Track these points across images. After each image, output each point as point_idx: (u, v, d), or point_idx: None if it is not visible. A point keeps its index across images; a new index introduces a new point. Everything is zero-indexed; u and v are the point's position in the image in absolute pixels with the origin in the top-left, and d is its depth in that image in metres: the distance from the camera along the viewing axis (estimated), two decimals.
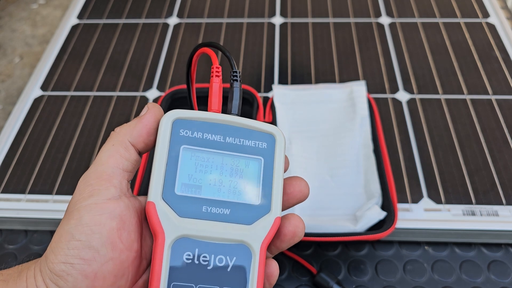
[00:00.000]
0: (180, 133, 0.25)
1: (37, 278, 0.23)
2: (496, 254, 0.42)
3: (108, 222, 0.23)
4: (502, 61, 0.58)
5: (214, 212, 0.24)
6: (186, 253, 0.23)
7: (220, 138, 0.25)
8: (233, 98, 0.27)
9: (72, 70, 0.60)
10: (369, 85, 0.55)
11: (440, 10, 0.66)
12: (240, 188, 0.25)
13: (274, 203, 0.25)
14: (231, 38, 0.63)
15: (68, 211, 0.24)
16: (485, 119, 0.51)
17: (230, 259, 0.24)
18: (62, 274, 0.23)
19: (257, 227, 0.24)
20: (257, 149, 0.25)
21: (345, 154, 0.46)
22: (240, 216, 0.24)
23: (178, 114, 0.25)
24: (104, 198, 0.24)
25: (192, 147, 0.25)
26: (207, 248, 0.23)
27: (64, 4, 1.00)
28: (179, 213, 0.24)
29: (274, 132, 0.26)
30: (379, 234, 0.38)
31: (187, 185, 0.24)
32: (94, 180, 0.24)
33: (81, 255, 0.23)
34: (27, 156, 0.50)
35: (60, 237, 0.23)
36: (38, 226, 0.46)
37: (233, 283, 0.23)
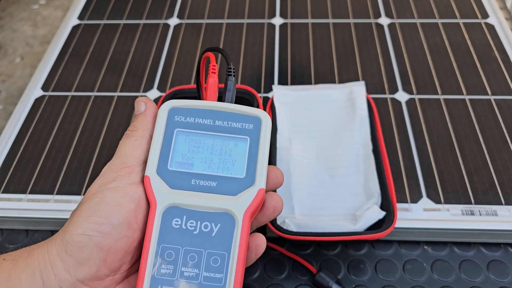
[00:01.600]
0: (175, 119, 0.28)
1: (51, 252, 0.26)
2: (495, 254, 0.42)
3: (127, 204, 0.26)
4: (501, 62, 0.58)
5: (202, 185, 0.27)
6: (175, 219, 0.26)
7: (210, 121, 0.28)
8: (227, 89, 0.30)
9: (73, 71, 0.60)
10: (368, 86, 0.56)
11: (439, 10, 0.66)
12: (227, 164, 0.27)
13: (258, 177, 0.27)
14: (231, 39, 0.63)
15: (91, 192, 0.27)
16: (484, 119, 0.51)
17: (215, 226, 0.26)
18: (79, 245, 0.25)
19: (241, 197, 0.27)
20: (244, 130, 0.28)
21: (345, 154, 0.46)
22: (226, 188, 0.27)
23: (174, 103, 0.29)
24: (126, 183, 0.27)
25: (185, 129, 0.28)
26: (194, 215, 0.26)
27: (64, 5, 1.01)
28: (170, 185, 0.27)
29: (260, 115, 0.28)
30: (379, 234, 0.39)
31: (179, 163, 0.27)
32: (118, 168, 0.27)
33: (100, 229, 0.25)
34: (28, 156, 0.50)
35: (81, 212, 0.26)
36: (39, 226, 0.46)
37: (217, 247, 0.26)
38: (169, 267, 0.25)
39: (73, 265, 0.25)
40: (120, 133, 0.52)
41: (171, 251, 0.26)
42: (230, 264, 0.25)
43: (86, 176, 0.48)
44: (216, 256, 0.26)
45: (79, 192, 0.47)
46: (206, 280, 0.25)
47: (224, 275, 0.25)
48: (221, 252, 0.26)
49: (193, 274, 0.25)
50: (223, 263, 0.25)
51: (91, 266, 0.25)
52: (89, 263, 0.25)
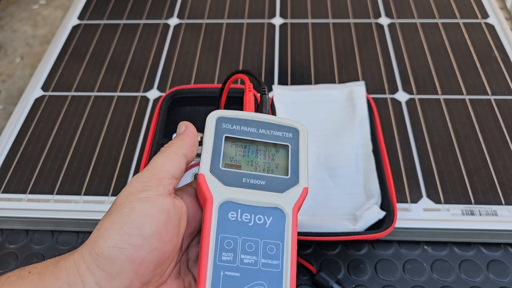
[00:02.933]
0: (222, 126, 0.31)
1: (79, 265, 0.25)
2: (495, 254, 0.42)
3: (157, 215, 0.26)
4: (501, 62, 0.58)
5: (252, 183, 0.30)
6: (231, 212, 0.29)
7: (254, 130, 0.31)
8: (263, 104, 0.34)
9: (73, 71, 0.60)
10: (368, 86, 0.56)
11: (439, 10, 0.66)
12: (272, 166, 0.31)
13: (301, 177, 0.30)
14: (231, 39, 0.63)
15: (119, 202, 0.27)
16: (484, 119, 0.51)
17: (267, 218, 0.29)
18: (111, 258, 0.25)
19: (289, 194, 0.29)
20: (284, 138, 0.32)
21: (345, 154, 0.46)
22: (274, 186, 0.30)
23: (221, 113, 0.32)
24: (155, 193, 0.27)
25: (232, 135, 0.31)
26: (247, 209, 0.29)
27: (64, 5, 1.01)
28: (224, 182, 0.29)
29: (297, 125, 0.32)
30: (379, 234, 0.39)
31: (230, 164, 0.30)
32: (148, 179, 0.27)
33: (132, 241, 0.25)
34: (28, 156, 0.50)
35: (111, 224, 0.26)
36: (39, 226, 0.46)
37: (271, 237, 0.28)
38: (229, 255, 0.27)
39: (104, 279, 0.25)
40: (120, 133, 0.52)
41: (230, 240, 0.28)
42: (285, 252, 0.28)
43: (86, 176, 0.48)
44: (271, 245, 0.28)
45: (79, 192, 0.47)
46: (264, 266, 0.28)
47: (280, 261, 0.28)
48: (276, 242, 0.28)
49: (252, 261, 0.28)
50: (278, 251, 0.28)
51: (123, 279, 0.25)
52: (121, 276, 0.25)
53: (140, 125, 0.53)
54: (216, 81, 0.57)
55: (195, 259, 0.31)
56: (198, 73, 0.58)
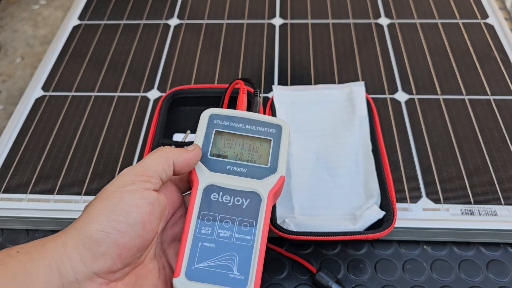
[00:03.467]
0: (214, 122, 0.35)
1: (66, 245, 0.27)
2: (495, 254, 0.43)
3: (144, 206, 0.29)
4: (501, 62, 0.58)
5: (235, 170, 0.34)
6: (213, 194, 0.33)
7: (242, 125, 0.35)
8: (254, 104, 0.39)
9: (73, 71, 0.60)
10: (368, 86, 0.56)
11: (439, 11, 0.66)
12: (255, 157, 0.34)
13: (279, 167, 0.34)
14: (231, 39, 0.63)
15: (110, 191, 0.29)
16: (484, 120, 0.52)
17: (245, 201, 0.33)
18: (98, 240, 0.27)
19: (266, 181, 0.33)
20: (268, 133, 0.35)
21: (344, 154, 0.46)
22: (254, 173, 0.34)
23: (214, 111, 0.36)
24: (143, 187, 0.30)
25: (221, 129, 0.35)
26: (228, 192, 0.33)
27: (65, 5, 1.01)
28: (210, 169, 0.33)
29: (281, 123, 0.36)
30: (378, 234, 0.39)
31: (217, 154, 0.34)
32: (138, 174, 0.30)
33: (118, 227, 0.28)
34: (28, 156, 0.50)
35: (101, 209, 0.28)
36: (39, 226, 0.46)
37: (246, 216, 0.32)
38: (208, 229, 0.32)
39: (89, 259, 0.27)
40: (120, 133, 0.52)
41: (209, 217, 0.32)
42: (257, 229, 0.32)
43: (86, 176, 0.48)
44: (245, 223, 0.32)
45: (80, 192, 0.47)
46: (238, 240, 0.31)
47: (252, 237, 0.32)
48: (250, 220, 0.32)
49: (227, 235, 0.31)
50: (251, 228, 0.32)
51: (106, 260, 0.27)
52: (105, 257, 0.27)
53: (140, 125, 0.53)
54: (216, 81, 0.57)
55: (169, 242, 0.33)
56: (198, 73, 0.59)
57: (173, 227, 0.34)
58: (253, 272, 0.30)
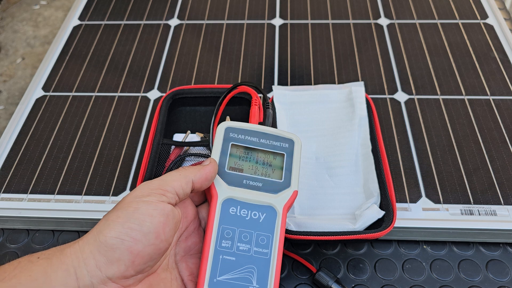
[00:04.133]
0: (230, 135, 0.37)
1: (83, 251, 0.29)
2: (494, 253, 0.43)
3: (158, 216, 0.30)
4: (500, 62, 0.58)
5: (251, 184, 0.35)
6: (231, 208, 0.34)
7: (256, 139, 0.37)
8: (266, 118, 0.40)
9: (74, 71, 0.60)
10: (368, 86, 0.56)
11: (439, 11, 0.66)
12: (269, 171, 0.36)
13: (293, 182, 0.36)
14: (231, 39, 0.63)
15: (127, 201, 0.31)
16: (483, 119, 0.52)
17: (261, 214, 0.34)
18: (112, 247, 0.29)
19: (281, 196, 0.35)
20: (282, 147, 0.37)
21: (344, 154, 0.46)
22: (269, 188, 0.35)
23: (229, 124, 0.37)
24: (158, 199, 0.31)
25: (237, 143, 0.37)
26: (246, 206, 0.34)
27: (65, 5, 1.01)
28: (228, 182, 0.35)
29: (293, 138, 0.38)
30: (378, 233, 0.39)
31: (234, 167, 0.36)
32: (155, 187, 0.32)
33: (132, 235, 0.29)
34: (29, 156, 0.51)
35: (117, 217, 0.30)
36: (40, 226, 0.46)
37: (263, 229, 0.34)
38: (228, 242, 0.33)
39: (104, 264, 0.28)
40: (121, 133, 0.52)
41: (229, 231, 0.33)
42: (273, 243, 0.33)
43: (87, 176, 0.48)
44: (263, 236, 0.33)
45: (80, 192, 0.47)
46: (256, 253, 0.33)
47: (269, 250, 0.33)
48: (267, 234, 0.34)
49: (246, 248, 0.33)
50: (268, 242, 0.33)
51: (120, 266, 0.29)
52: (119, 263, 0.29)
53: (140, 125, 0.53)
54: (216, 81, 0.58)
55: (182, 254, 0.34)
56: (198, 73, 0.59)
57: (187, 240, 0.35)
58: (271, 284, 0.32)
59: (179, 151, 0.48)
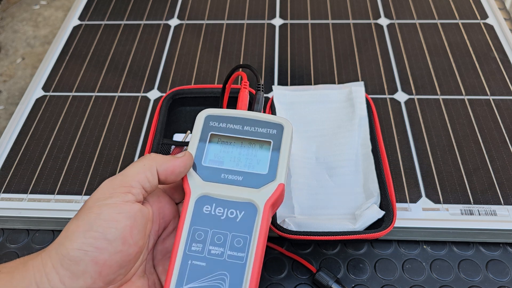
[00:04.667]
0: (209, 124, 0.33)
1: (46, 265, 0.26)
2: (494, 253, 0.43)
3: (123, 220, 0.27)
4: (500, 62, 0.58)
5: (230, 178, 0.31)
6: (205, 206, 0.30)
7: (240, 127, 0.33)
8: (256, 101, 0.35)
9: (74, 71, 0.60)
10: (368, 86, 0.56)
11: (438, 11, 0.66)
12: (253, 162, 0.32)
13: (279, 173, 0.31)
14: (231, 39, 0.63)
15: (88, 206, 0.28)
16: (483, 120, 0.52)
17: (239, 213, 0.30)
18: (76, 259, 0.26)
19: (263, 190, 0.31)
20: (268, 134, 0.33)
21: (344, 153, 0.46)
22: (250, 181, 0.31)
23: (209, 112, 0.33)
24: (123, 200, 0.28)
25: (218, 133, 0.33)
26: (222, 203, 0.30)
27: (65, 5, 1.01)
28: (203, 178, 0.31)
29: (282, 122, 0.33)
30: (378, 233, 0.39)
31: (212, 160, 0.32)
32: (118, 186, 0.28)
33: (96, 244, 0.26)
34: (29, 156, 0.51)
35: (77, 227, 0.27)
36: (40, 226, 0.46)
37: (240, 230, 0.30)
38: (198, 245, 0.29)
39: (68, 278, 0.26)
40: (121, 133, 0.52)
41: (201, 232, 0.30)
42: (251, 245, 0.29)
43: (87, 176, 0.48)
44: (239, 238, 0.30)
45: (80, 192, 0.47)
46: (230, 257, 0.29)
47: (246, 254, 0.29)
48: (244, 235, 0.30)
49: (219, 252, 0.29)
50: (245, 244, 0.29)
51: (86, 279, 0.26)
52: (84, 276, 0.26)
53: (140, 125, 0.53)
54: (216, 81, 0.58)
55: (160, 258, 0.32)
56: (198, 73, 0.59)
57: (164, 241, 0.32)
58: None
59: (179, 151, 0.48)
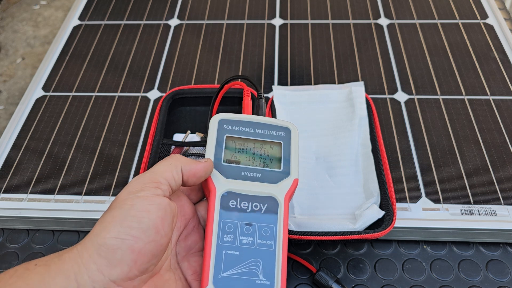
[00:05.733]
0: (224, 127, 0.36)
1: (82, 256, 0.27)
2: (494, 253, 0.43)
3: (155, 211, 0.29)
4: (500, 62, 0.58)
5: (250, 175, 0.34)
6: (231, 201, 0.33)
7: (252, 130, 0.36)
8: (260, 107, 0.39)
9: (74, 71, 0.60)
10: (368, 86, 0.56)
11: (438, 11, 0.66)
12: (267, 161, 0.35)
13: (292, 170, 0.35)
14: (231, 39, 0.63)
15: (121, 199, 0.30)
16: (483, 120, 0.52)
17: (262, 206, 0.33)
18: (113, 247, 0.27)
19: (281, 185, 0.34)
20: (278, 136, 0.36)
21: (344, 153, 0.46)
22: (269, 178, 0.34)
23: (222, 116, 0.36)
24: (153, 193, 0.30)
25: (232, 135, 0.36)
26: (245, 198, 0.33)
27: (65, 5, 1.01)
28: (225, 175, 0.34)
29: (289, 125, 0.37)
30: (378, 233, 0.39)
31: (230, 160, 0.35)
32: (147, 181, 0.30)
33: (132, 233, 0.28)
34: (29, 156, 0.51)
35: (113, 217, 0.29)
36: (40, 226, 0.46)
37: (266, 221, 0.33)
38: (230, 236, 0.32)
39: (106, 267, 0.27)
40: (121, 133, 0.52)
41: (230, 224, 0.32)
42: (277, 234, 0.32)
43: (87, 176, 0.48)
44: (266, 228, 0.32)
45: (80, 192, 0.47)
46: (260, 245, 0.32)
47: (274, 242, 0.32)
48: (270, 225, 0.33)
49: (249, 241, 0.32)
50: (272, 233, 0.32)
51: (123, 267, 0.27)
52: (121, 264, 0.27)
53: (140, 125, 0.53)
54: (216, 81, 0.58)
55: (183, 254, 0.33)
56: (198, 73, 0.59)
57: (187, 239, 0.34)
58: (278, 276, 0.31)
59: (179, 151, 0.48)
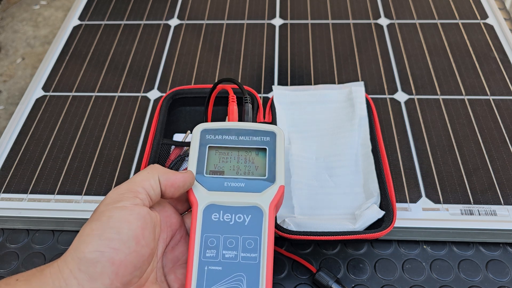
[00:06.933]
0: (206, 137, 0.35)
1: (63, 270, 0.27)
2: (494, 253, 0.43)
3: (134, 221, 0.29)
4: (500, 62, 0.58)
5: (233, 186, 0.33)
6: (214, 214, 0.32)
7: (235, 137, 0.35)
8: (245, 113, 0.38)
9: (74, 71, 0.60)
10: (368, 86, 0.56)
11: (438, 11, 0.66)
12: (252, 169, 0.34)
13: (277, 176, 0.34)
14: (231, 39, 0.63)
15: (99, 211, 0.29)
16: (483, 120, 0.52)
17: (246, 217, 0.32)
18: (93, 261, 0.27)
19: (266, 193, 0.33)
20: (263, 142, 0.35)
21: (344, 153, 0.46)
22: (253, 187, 0.33)
23: (205, 126, 0.35)
24: (132, 203, 0.29)
25: (215, 145, 0.35)
26: (229, 209, 0.32)
27: (65, 5, 1.01)
28: (207, 187, 0.33)
29: (274, 130, 0.35)
30: (378, 233, 0.39)
31: (213, 171, 0.34)
32: (125, 191, 0.30)
33: (111, 245, 0.27)
34: (29, 156, 0.51)
35: (91, 230, 0.28)
36: (40, 226, 0.46)
37: (250, 232, 0.32)
38: (212, 251, 0.31)
39: (87, 281, 0.27)
40: (121, 133, 0.52)
41: (213, 239, 0.31)
42: (262, 245, 0.31)
43: (87, 176, 0.48)
44: (250, 240, 0.31)
45: (80, 192, 0.47)
46: (243, 259, 0.31)
47: (258, 254, 0.31)
48: (254, 237, 0.32)
49: (233, 255, 0.31)
50: (256, 245, 0.31)
51: (104, 280, 0.27)
52: (102, 277, 0.27)
53: (140, 125, 0.53)
54: (216, 81, 0.58)
55: (170, 267, 0.33)
56: (198, 73, 0.59)
57: (173, 250, 0.33)
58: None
59: (179, 151, 0.48)
